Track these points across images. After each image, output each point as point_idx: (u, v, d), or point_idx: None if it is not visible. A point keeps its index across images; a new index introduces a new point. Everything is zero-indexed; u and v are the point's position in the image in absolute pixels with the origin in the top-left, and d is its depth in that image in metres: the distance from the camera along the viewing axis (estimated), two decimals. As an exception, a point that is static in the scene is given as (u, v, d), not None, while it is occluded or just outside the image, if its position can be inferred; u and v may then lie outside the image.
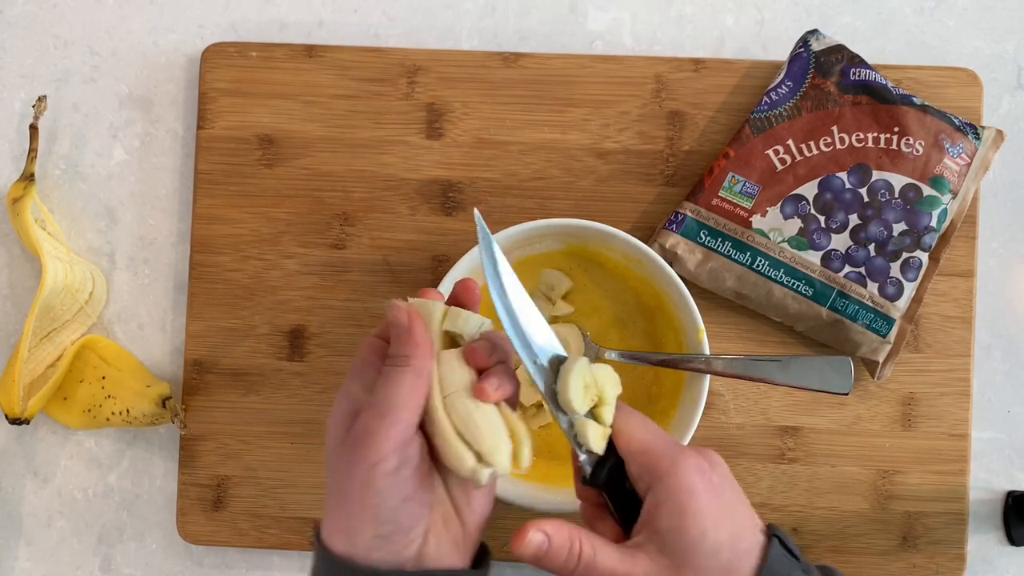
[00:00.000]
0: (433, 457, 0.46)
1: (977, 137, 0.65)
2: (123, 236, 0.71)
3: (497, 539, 0.54)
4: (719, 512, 0.45)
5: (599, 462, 0.47)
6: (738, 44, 0.71)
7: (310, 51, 0.69)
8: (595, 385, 0.47)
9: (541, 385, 0.48)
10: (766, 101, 0.66)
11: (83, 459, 0.70)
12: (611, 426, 0.47)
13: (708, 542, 0.44)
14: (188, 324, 0.69)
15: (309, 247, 0.69)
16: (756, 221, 0.65)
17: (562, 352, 0.48)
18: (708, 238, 0.65)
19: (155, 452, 0.70)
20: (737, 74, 0.68)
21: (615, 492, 0.47)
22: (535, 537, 0.45)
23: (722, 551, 0.44)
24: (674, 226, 0.65)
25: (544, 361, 0.48)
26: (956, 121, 0.65)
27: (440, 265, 0.68)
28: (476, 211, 0.49)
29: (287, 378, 0.69)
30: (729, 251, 0.65)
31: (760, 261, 0.65)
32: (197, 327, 0.69)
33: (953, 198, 0.65)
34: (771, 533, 0.46)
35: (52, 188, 0.71)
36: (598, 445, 0.47)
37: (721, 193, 0.65)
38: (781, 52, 0.69)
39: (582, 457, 0.47)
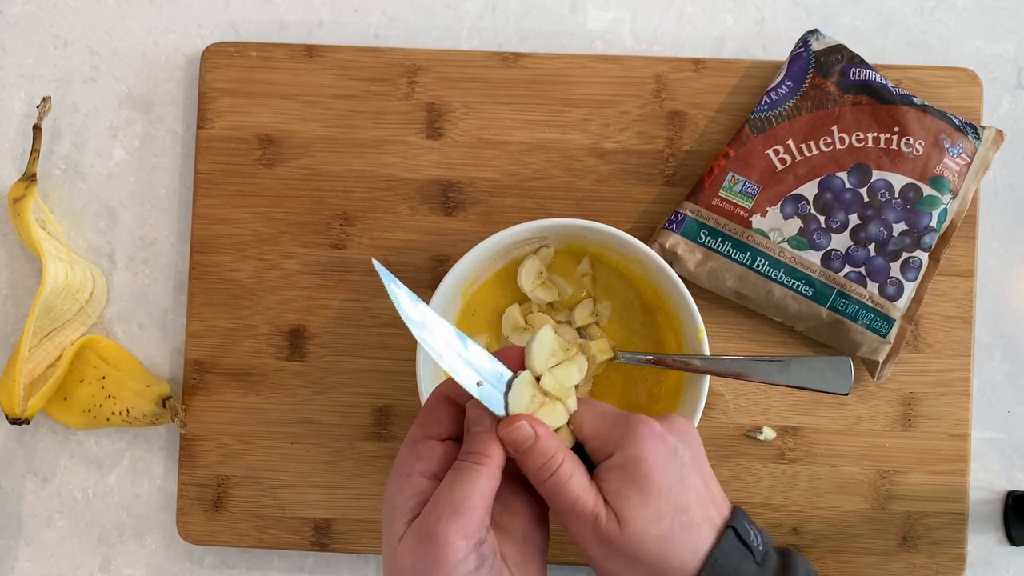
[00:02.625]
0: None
1: (977, 137, 0.65)
2: (123, 236, 0.71)
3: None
4: (669, 481, 0.46)
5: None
6: (738, 44, 0.71)
7: (310, 51, 0.69)
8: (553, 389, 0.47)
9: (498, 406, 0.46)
10: (766, 101, 0.66)
11: (83, 459, 0.71)
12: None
13: (650, 509, 0.45)
14: (188, 324, 0.69)
15: (309, 247, 0.69)
16: (756, 221, 0.65)
17: (506, 371, 0.47)
18: (708, 238, 0.65)
19: (155, 452, 0.70)
20: (737, 74, 0.68)
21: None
22: (525, 429, 0.45)
23: (664, 519, 0.45)
24: (674, 226, 0.65)
25: (490, 380, 0.47)
26: (956, 121, 0.65)
27: (440, 265, 0.68)
28: (375, 261, 0.48)
29: (287, 378, 0.69)
30: (729, 251, 0.65)
31: (760, 261, 0.65)
32: (197, 327, 0.69)
33: (953, 198, 0.65)
34: (728, 524, 0.47)
35: (52, 188, 0.71)
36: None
37: (721, 193, 0.65)
38: (781, 52, 0.69)
39: None
